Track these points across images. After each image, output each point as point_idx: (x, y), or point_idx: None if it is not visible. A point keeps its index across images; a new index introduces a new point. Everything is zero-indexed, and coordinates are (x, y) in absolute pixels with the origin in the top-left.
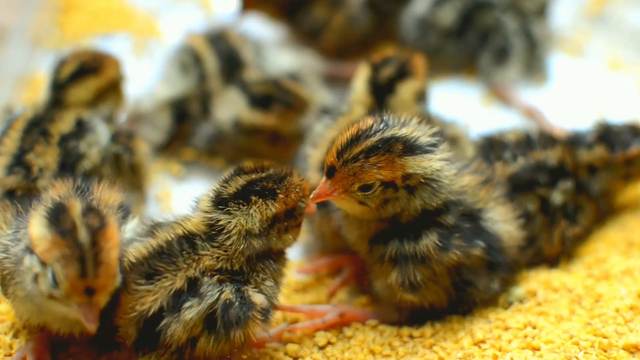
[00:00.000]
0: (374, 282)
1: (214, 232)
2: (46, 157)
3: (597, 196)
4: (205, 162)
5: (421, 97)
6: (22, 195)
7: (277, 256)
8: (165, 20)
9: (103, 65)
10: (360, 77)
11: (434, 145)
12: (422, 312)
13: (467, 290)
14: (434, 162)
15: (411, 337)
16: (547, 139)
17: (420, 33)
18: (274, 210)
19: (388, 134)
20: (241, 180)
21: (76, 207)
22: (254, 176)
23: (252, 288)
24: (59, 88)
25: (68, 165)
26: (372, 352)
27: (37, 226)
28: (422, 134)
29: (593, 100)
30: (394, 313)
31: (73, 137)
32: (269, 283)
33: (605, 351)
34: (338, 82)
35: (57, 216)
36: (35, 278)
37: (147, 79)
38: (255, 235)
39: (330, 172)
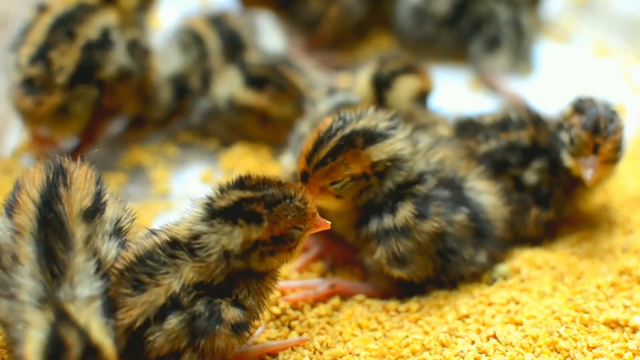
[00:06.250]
0: (364, 258)
1: (195, 246)
2: (67, 58)
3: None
4: (199, 143)
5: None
6: None
7: (263, 274)
8: (165, 10)
9: None
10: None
11: (393, 127)
12: (410, 282)
13: (451, 259)
14: (395, 144)
15: (397, 311)
16: (523, 120)
17: (416, 22)
18: (255, 235)
19: (347, 130)
20: (235, 196)
21: None
22: (248, 194)
23: (231, 301)
24: None
25: (86, 71)
26: (359, 326)
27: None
28: (379, 121)
29: (579, 85)
30: (383, 282)
31: (98, 46)
32: (251, 298)
33: (586, 326)
34: (326, 68)
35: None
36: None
37: None
38: (236, 257)
39: (303, 177)
